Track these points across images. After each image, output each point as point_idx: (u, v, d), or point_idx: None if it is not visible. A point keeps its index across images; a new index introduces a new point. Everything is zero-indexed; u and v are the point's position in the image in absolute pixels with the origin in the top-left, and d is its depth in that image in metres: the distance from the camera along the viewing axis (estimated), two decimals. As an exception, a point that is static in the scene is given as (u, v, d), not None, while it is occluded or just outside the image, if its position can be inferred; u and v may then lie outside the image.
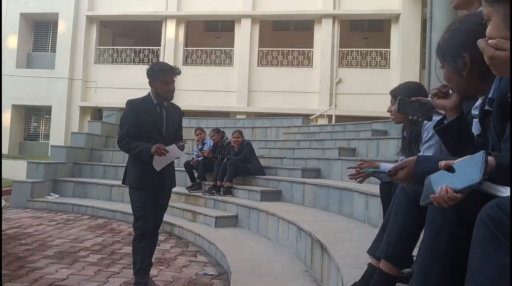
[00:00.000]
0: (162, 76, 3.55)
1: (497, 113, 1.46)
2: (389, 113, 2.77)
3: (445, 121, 1.78)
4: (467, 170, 1.28)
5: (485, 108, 1.55)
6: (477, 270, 1.15)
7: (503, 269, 1.09)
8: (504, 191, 1.22)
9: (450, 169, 1.33)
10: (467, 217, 1.35)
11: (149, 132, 3.56)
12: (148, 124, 3.56)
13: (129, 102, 3.65)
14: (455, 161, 1.34)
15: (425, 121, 2.42)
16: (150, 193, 3.56)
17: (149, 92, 3.67)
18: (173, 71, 3.60)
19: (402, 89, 2.73)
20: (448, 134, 1.79)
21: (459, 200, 1.29)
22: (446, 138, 1.82)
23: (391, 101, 2.80)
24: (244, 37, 16.81)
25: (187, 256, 5.04)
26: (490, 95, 1.52)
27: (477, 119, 1.67)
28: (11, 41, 17.98)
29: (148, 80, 3.62)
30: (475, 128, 1.78)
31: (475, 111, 1.74)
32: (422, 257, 1.57)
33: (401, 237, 2.05)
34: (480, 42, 1.30)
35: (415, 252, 2.12)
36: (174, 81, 3.65)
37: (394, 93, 2.75)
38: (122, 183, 3.80)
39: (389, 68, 15.83)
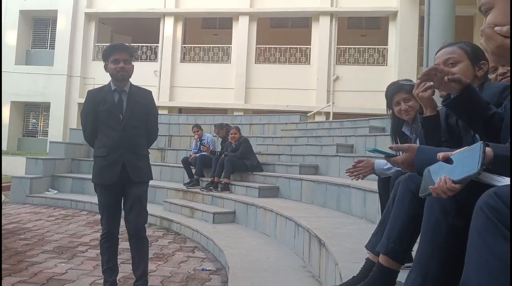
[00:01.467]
0: (112, 55, 3.22)
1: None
2: (405, 111, 2.64)
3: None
4: (465, 160, 1.30)
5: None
6: (476, 258, 1.16)
7: (502, 257, 1.10)
8: (502, 181, 1.24)
9: (448, 160, 1.35)
10: (466, 208, 1.37)
11: (107, 121, 3.25)
12: (105, 113, 3.24)
13: (87, 94, 3.39)
14: (453, 152, 1.36)
15: None
16: (112, 189, 3.26)
17: (110, 80, 3.35)
18: (124, 48, 3.27)
19: (409, 86, 2.63)
20: (433, 125, 2.03)
21: (458, 190, 1.32)
22: (429, 130, 2.03)
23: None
24: (242, 34, 16.83)
25: (185, 252, 5.06)
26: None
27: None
28: (10, 38, 18.02)
29: (103, 65, 3.33)
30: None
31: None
32: (421, 248, 1.59)
33: (402, 231, 2.02)
34: (486, 30, 1.23)
35: (414, 248, 2.13)
36: (128, 59, 3.27)
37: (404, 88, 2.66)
38: None
39: (386, 65, 15.87)
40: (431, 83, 1.88)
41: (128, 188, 3.29)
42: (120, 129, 3.23)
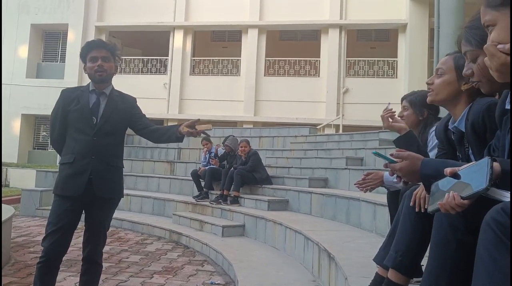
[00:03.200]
0: (90, 53, 2.89)
1: (472, 136, 1.77)
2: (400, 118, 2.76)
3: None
4: (473, 176, 1.28)
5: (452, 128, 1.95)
6: (483, 274, 1.15)
7: (509, 272, 1.09)
8: (509, 196, 1.22)
9: (455, 176, 1.34)
10: (475, 223, 1.35)
11: (77, 123, 2.82)
12: (75, 113, 2.83)
13: (61, 92, 2.97)
14: (461, 168, 1.35)
15: (432, 129, 2.46)
16: (74, 203, 2.76)
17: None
18: (103, 45, 2.93)
19: (419, 96, 2.75)
20: (402, 144, 2.34)
21: (466, 206, 1.30)
22: (401, 147, 2.25)
23: (403, 107, 2.83)
24: (251, 47, 16.91)
25: (194, 265, 5.04)
26: (456, 124, 1.90)
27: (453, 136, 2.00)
28: (21, 51, 18.27)
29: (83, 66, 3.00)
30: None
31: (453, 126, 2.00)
32: (430, 263, 1.57)
33: (410, 245, 2.00)
34: (489, 48, 1.24)
35: (423, 261, 2.11)
36: (108, 57, 2.91)
37: (410, 99, 2.80)
38: None
39: (396, 78, 15.83)
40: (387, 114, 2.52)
41: (92, 206, 2.84)
42: (91, 133, 2.81)
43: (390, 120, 2.53)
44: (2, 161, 15.30)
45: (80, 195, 2.75)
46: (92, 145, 2.81)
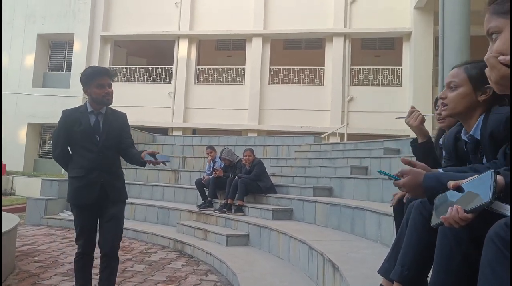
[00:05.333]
0: (96, 80, 3.28)
1: (489, 144, 1.76)
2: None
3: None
4: (477, 189, 1.27)
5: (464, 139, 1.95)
6: None
7: None
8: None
9: (459, 189, 1.33)
10: (479, 237, 1.34)
11: (82, 142, 3.28)
12: (80, 133, 3.27)
13: (62, 114, 3.38)
14: (464, 181, 1.34)
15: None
16: (91, 208, 3.29)
17: (86, 101, 3.40)
18: (108, 73, 3.35)
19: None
20: (425, 152, 2.37)
21: (470, 220, 1.29)
22: (418, 156, 2.37)
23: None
24: (255, 56, 16.96)
25: (198, 275, 5.02)
26: (472, 133, 1.89)
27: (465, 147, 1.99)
28: (28, 61, 18.44)
29: (82, 88, 3.37)
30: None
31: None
32: (435, 277, 1.56)
33: (416, 258, 1.96)
34: (490, 59, 1.22)
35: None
36: (110, 83, 3.35)
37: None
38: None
39: (401, 86, 15.81)
40: (420, 113, 2.37)
41: (105, 207, 3.32)
42: (96, 150, 3.28)
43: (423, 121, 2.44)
44: (8, 169, 15.36)
45: (94, 202, 3.27)
46: (99, 160, 3.28)
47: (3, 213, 4.92)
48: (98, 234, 3.36)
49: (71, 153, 3.36)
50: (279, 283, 4.29)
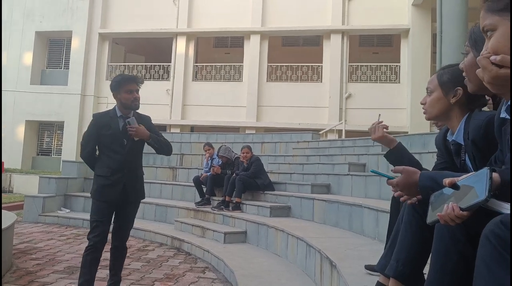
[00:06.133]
0: (125, 86, 3.55)
1: (472, 150, 1.79)
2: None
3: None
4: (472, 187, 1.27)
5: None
6: None
7: None
8: (509, 208, 1.21)
9: (454, 186, 1.32)
10: (476, 235, 1.34)
11: (111, 145, 3.56)
12: (109, 137, 3.56)
13: (93, 117, 3.70)
14: (459, 178, 1.33)
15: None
16: (110, 205, 3.54)
17: (114, 106, 3.67)
18: (136, 80, 3.63)
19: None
20: (393, 157, 2.38)
21: (466, 217, 1.29)
22: (393, 161, 2.36)
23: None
24: (253, 53, 16.94)
25: (196, 272, 5.02)
26: (454, 138, 1.96)
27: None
28: (26, 58, 18.38)
29: (112, 93, 3.62)
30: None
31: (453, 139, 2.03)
32: (431, 275, 1.56)
33: (411, 254, 1.98)
34: (481, 61, 1.22)
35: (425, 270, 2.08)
36: (138, 90, 3.64)
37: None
38: None
39: (399, 83, 15.80)
40: (377, 122, 2.44)
41: (122, 206, 3.60)
42: (123, 152, 3.57)
43: (385, 130, 2.48)
44: (6, 167, 15.34)
45: (115, 199, 3.53)
46: (125, 162, 3.57)
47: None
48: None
49: (98, 153, 3.66)
50: (277, 280, 4.29)
